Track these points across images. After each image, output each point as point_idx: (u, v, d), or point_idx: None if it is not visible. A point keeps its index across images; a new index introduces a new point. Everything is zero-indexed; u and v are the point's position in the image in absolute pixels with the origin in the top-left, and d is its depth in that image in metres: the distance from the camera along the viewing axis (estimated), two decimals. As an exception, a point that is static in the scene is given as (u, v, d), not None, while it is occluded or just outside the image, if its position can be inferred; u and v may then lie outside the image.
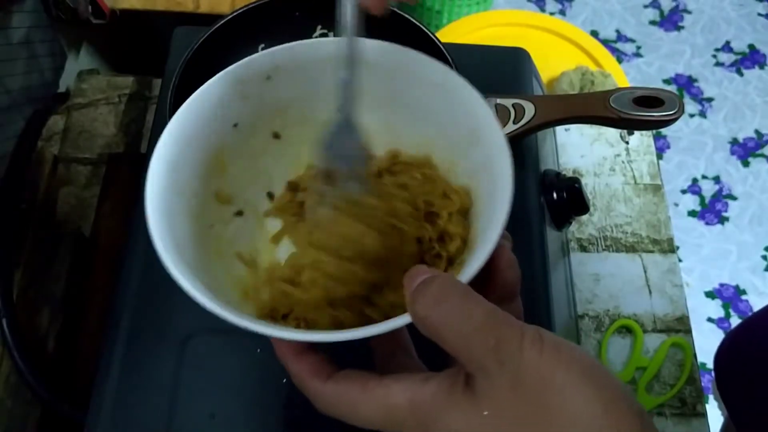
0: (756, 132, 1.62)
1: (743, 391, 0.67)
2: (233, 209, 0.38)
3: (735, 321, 1.40)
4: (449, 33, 1.09)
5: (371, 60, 0.36)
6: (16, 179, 0.62)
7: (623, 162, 0.71)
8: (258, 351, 0.45)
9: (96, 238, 0.63)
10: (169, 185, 0.33)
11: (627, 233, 0.67)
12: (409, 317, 0.27)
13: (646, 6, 1.79)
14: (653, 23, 1.77)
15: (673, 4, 1.80)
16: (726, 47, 1.74)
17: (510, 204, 0.30)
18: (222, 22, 0.53)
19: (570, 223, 0.59)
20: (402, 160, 0.38)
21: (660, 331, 0.63)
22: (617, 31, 1.75)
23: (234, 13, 0.53)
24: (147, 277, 0.48)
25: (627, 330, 0.63)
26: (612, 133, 0.72)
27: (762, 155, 1.60)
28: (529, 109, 0.50)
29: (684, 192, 1.54)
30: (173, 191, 0.33)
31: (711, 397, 1.26)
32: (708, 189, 1.55)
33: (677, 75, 1.69)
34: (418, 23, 0.53)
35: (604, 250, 0.66)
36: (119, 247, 0.60)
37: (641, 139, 0.72)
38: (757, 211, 1.52)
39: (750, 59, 1.72)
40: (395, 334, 0.29)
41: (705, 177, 1.56)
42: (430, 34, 0.52)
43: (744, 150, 1.60)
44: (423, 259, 0.35)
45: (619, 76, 1.03)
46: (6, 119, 0.64)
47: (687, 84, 1.68)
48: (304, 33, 0.56)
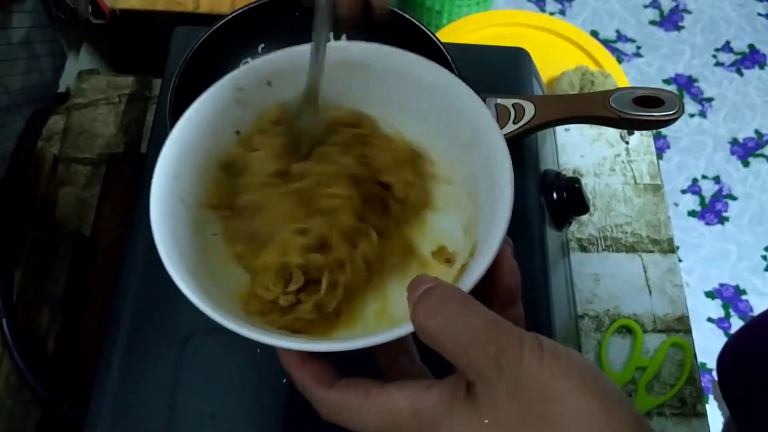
0: (756, 132, 1.62)
1: (746, 393, 0.67)
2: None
3: (735, 321, 1.40)
4: (449, 33, 1.09)
5: (368, 62, 0.36)
6: (16, 179, 0.62)
7: (623, 162, 0.71)
8: (258, 351, 0.45)
9: (96, 238, 0.63)
10: (173, 195, 0.33)
11: (627, 233, 0.67)
12: (411, 326, 0.27)
13: (646, 6, 1.79)
14: (653, 23, 1.77)
15: (673, 4, 1.80)
16: (726, 47, 1.74)
17: (511, 209, 0.30)
18: (222, 22, 0.53)
19: (570, 223, 0.59)
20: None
21: (660, 331, 0.63)
22: (617, 31, 1.75)
23: (234, 13, 0.53)
24: (147, 277, 0.48)
25: (627, 330, 0.63)
26: (612, 133, 0.72)
27: (762, 155, 1.60)
28: (529, 109, 0.50)
29: (684, 192, 1.54)
30: (177, 200, 0.33)
31: (711, 397, 1.26)
32: (708, 189, 1.55)
33: (677, 75, 1.69)
34: (418, 23, 0.53)
35: (604, 250, 0.66)
36: (119, 247, 0.60)
37: (641, 139, 0.72)
38: (757, 211, 1.52)
39: (750, 59, 1.72)
40: (398, 339, 0.29)
41: (705, 177, 1.56)
42: (430, 34, 0.52)
43: (744, 150, 1.60)
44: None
45: (619, 76, 1.03)
46: (6, 119, 0.64)
47: (687, 84, 1.68)
48: (304, 33, 0.55)
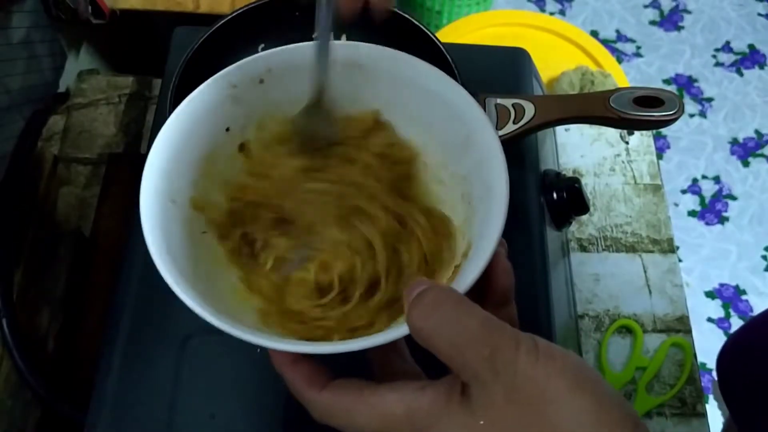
0: (756, 132, 1.62)
1: (746, 393, 0.67)
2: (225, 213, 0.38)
3: (735, 321, 1.40)
4: (449, 33, 1.09)
5: (365, 63, 0.36)
6: (16, 179, 0.62)
7: (623, 162, 0.71)
8: (258, 351, 0.45)
9: (96, 238, 0.63)
10: (163, 193, 0.33)
11: (627, 233, 0.67)
12: (407, 328, 0.27)
13: (646, 6, 1.79)
14: (653, 23, 1.77)
15: (673, 4, 1.80)
16: (726, 47, 1.74)
17: (506, 211, 0.30)
18: (222, 22, 0.53)
19: (570, 223, 0.59)
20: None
21: (660, 331, 0.63)
22: (617, 31, 1.75)
23: (234, 13, 0.53)
24: (147, 277, 0.48)
25: (627, 330, 0.63)
26: (612, 133, 0.72)
27: (762, 155, 1.60)
28: (529, 109, 0.50)
29: (684, 192, 1.54)
30: (167, 198, 0.33)
31: (711, 397, 1.26)
32: (708, 189, 1.55)
33: (677, 75, 1.69)
34: (418, 23, 0.53)
35: (604, 250, 0.66)
36: (119, 247, 0.60)
37: (641, 139, 0.72)
38: (757, 211, 1.52)
39: (750, 59, 1.72)
40: None
41: (705, 177, 1.56)
42: (430, 34, 0.52)
43: (744, 150, 1.60)
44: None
45: (619, 76, 1.03)
46: (6, 119, 0.64)
47: (687, 84, 1.68)
48: (304, 33, 0.55)
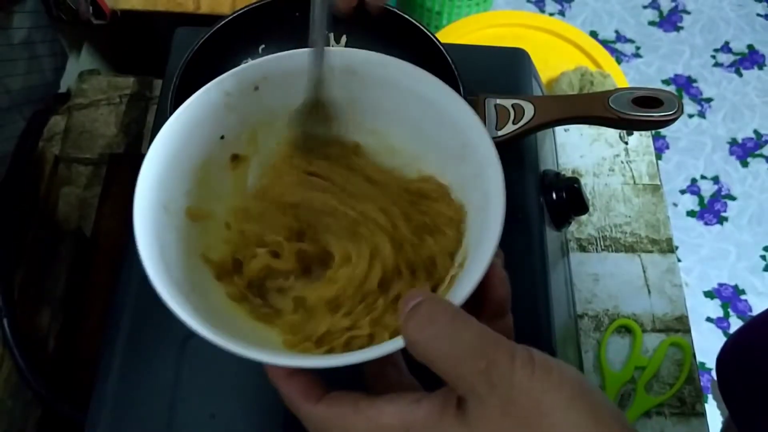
0: (755, 132, 1.62)
1: (745, 393, 0.67)
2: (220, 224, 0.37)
3: (734, 321, 1.40)
4: (449, 33, 1.09)
5: (359, 70, 0.36)
6: (17, 179, 0.62)
7: (622, 162, 0.71)
8: (258, 351, 0.45)
9: (96, 238, 0.63)
10: (157, 202, 0.33)
11: (626, 233, 0.67)
12: (402, 341, 0.27)
13: (645, 6, 1.79)
14: (652, 24, 1.77)
15: (673, 4, 1.80)
16: (725, 48, 1.74)
17: (502, 221, 0.30)
18: (222, 22, 0.53)
19: (569, 223, 0.59)
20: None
21: (659, 331, 0.63)
22: (616, 32, 1.75)
23: (234, 14, 0.53)
24: (147, 277, 0.48)
25: (626, 330, 0.63)
26: (611, 134, 0.72)
27: (761, 155, 1.60)
28: (529, 110, 0.50)
29: (683, 192, 1.55)
30: (162, 207, 0.33)
31: (710, 397, 1.26)
32: (707, 189, 1.55)
33: (676, 75, 1.69)
34: (418, 24, 0.53)
35: (603, 250, 0.66)
36: (120, 247, 0.60)
37: (640, 140, 0.72)
38: (756, 211, 1.53)
39: (749, 60, 1.72)
40: None
41: (704, 177, 1.57)
42: (429, 34, 0.52)
43: (743, 150, 1.60)
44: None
45: (619, 76, 1.03)
46: (7, 119, 0.64)
47: (686, 84, 1.68)
48: (304, 34, 0.56)
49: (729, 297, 1.43)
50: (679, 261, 1.10)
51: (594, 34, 1.73)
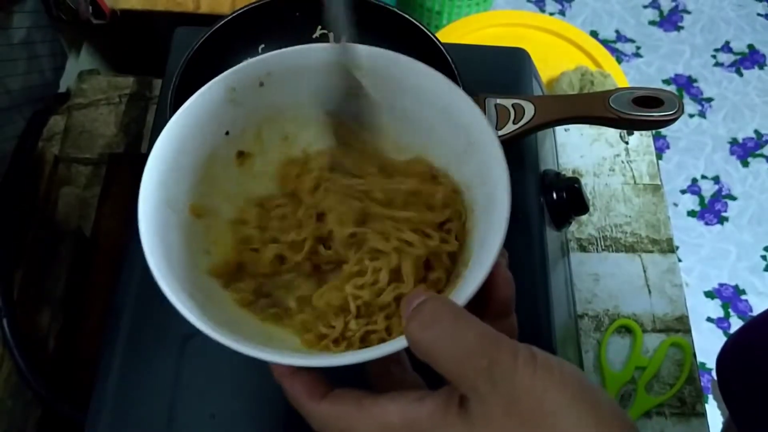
0: (755, 132, 1.62)
1: (745, 393, 0.67)
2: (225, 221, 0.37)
3: (734, 321, 1.40)
4: (449, 33, 1.09)
5: (366, 66, 0.36)
6: (16, 179, 0.62)
7: (623, 162, 0.71)
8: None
9: (96, 238, 0.63)
10: (162, 200, 0.33)
11: (626, 233, 0.67)
12: (405, 341, 0.27)
13: (645, 6, 1.79)
14: (653, 23, 1.77)
15: (673, 4, 1.80)
16: (725, 47, 1.74)
17: (507, 221, 0.30)
18: (222, 22, 0.53)
19: (570, 223, 0.59)
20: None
21: (659, 331, 0.63)
22: (617, 32, 1.75)
23: (234, 14, 0.53)
24: (147, 277, 0.47)
25: (626, 330, 0.63)
26: (612, 133, 0.72)
27: (761, 155, 1.60)
28: (529, 110, 0.50)
29: (683, 192, 1.55)
30: (166, 205, 0.33)
31: (710, 397, 1.26)
32: (707, 189, 1.55)
33: (677, 75, 1.69)
34: (418, 23, 0.53)
35: (603, 250, 0.66)
36: (119, 247, 0.60)
37: (641, 139, 0.72)
38: (757, 211, 1.53)
39: (749, 59, 1.72)
40: None
41: (704, 177, 1.57)
42: (430, 34, 0.52)
43: (743, 150, 1.60)
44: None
45: (619, 76, 1.03)
46: (6, 119, 0.64)
47: (686, 84, 1.68)
48: (304, 33, 0.56)
49: (729, 297, 1.43)
50: (680, 261, 1.10)
51: (594, 33, 1.73)
